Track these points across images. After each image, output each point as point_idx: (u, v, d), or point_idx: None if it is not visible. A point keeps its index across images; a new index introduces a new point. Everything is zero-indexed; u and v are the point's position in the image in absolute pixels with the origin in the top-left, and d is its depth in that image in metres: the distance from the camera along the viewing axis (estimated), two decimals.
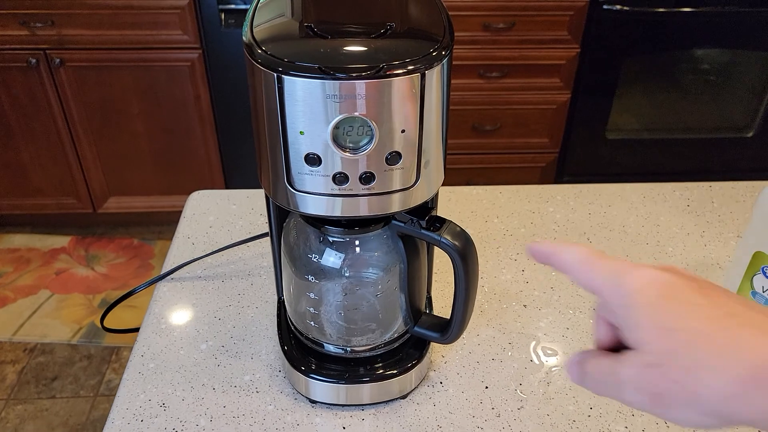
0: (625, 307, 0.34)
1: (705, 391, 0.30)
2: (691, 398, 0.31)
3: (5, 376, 1.82)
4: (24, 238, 2.32)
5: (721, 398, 0.30)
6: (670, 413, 0.32)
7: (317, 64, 0.47)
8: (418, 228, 0.56)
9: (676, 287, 0.33)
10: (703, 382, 0.30)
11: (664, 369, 0.32)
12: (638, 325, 0.33)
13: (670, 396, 0.32)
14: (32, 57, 1.90)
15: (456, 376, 0.70)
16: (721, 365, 0.30)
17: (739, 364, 0.29)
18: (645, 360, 0.32)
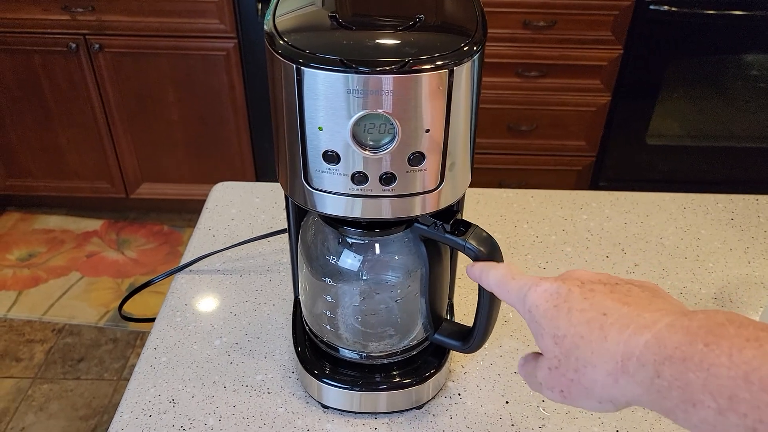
0: (529, 320, 0.41)
1: (591, 385, 0.36)
2: (585, 391, 0.37)
3: (34, 354, 1.85)
4: (58, 220, 2.36)
5: (603, 388, 0.36)
6: (577, 404, 0.38)
7: (339, 57, 0.44)
8: (442, 232, 0.53)
9: (565, 297, 0.39)
10: (588, 377, 0.36)
11: (561, 370, 0.38)
12: (539, 335, 0.40)
13: (572, 391, 0.38)
14: (72, 42, 1.92)
15: (475, 388, 0.67)
16: (596, 362, 0.36)
17: (607, 359, 0.35)
18: (548, 364, 0.39)
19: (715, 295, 0.80)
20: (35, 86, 2.02)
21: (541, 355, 0.41)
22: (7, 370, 1.80)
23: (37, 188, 2.27)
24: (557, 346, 0.38)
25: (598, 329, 0.36)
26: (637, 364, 0.33)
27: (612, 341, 0.35)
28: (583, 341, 0.36)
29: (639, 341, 0.34)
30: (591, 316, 0.37)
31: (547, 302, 0.39)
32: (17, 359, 1.84)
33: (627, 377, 0.34)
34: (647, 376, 0.33)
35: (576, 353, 0.37)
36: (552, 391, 0.39)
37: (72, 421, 1.67)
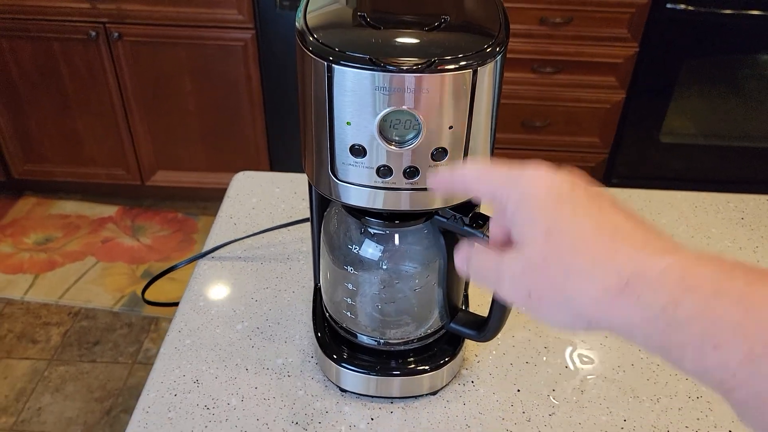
0: (520, 204, 0.34)
1: (576, 295, 0.31)
2: (564, 301, 0.32)
3: (50, 337, 1.89)
4: (74, 205, 2.39)
5: (589, 303, 0.31)
6: (541, 311, 0.33)
7: (368, 55, 0.46)
8: (461, 224, 0.55)
9: (570, 191, 0.34)
10: (576, 286, 0.31)
11: (543, 269, 0.33)
12: (529, 224, 0.34)
13: (544, 297, 0.33)
14: (92, 30, 1.94)
15: (488, 377, 0.70)
16: (595, 272, 0.31)
17: (610, 273, 0.30)
18: (527, 258, 0.33)
19: None
20: (54, 73, 2.05)
21: (508, 247, 0.35)
22: (24, 351, 1.84)
23: (54, 174, 2.30)
24: (548, 242, 0.32)
25: (607, 238, 0.31)
26: (649, 287, 0.29)
27: (622, 255, 0.30)
28: (585, 246, 0.31)
29: (657, 263, 0.29)
30: (600, 221, 0.32)
31: (548, 191, 0.34)
32: (34, 341, 1.88)
33: (628, 299, 0.30)
34: (659, 303, 0.28)
35: (571, 257, 0.32)
36: (516, 291, 0.34)
37: (87, 402, 1.71)
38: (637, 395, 0.68)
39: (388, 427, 0.64)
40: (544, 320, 0.34)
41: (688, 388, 0.69)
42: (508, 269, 0.35)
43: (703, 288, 0.28)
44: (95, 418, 1.67)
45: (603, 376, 0.70)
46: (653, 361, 0.72)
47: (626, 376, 0.70)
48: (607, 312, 0.30)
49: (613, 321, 0.30)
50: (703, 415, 0.67)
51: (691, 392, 0.69)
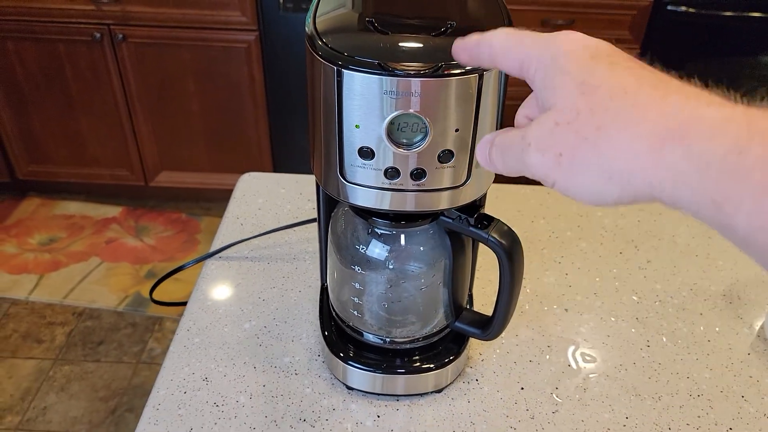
0: (551, 64, 0.31)
1: (614, 149, 0.28)
2: (597, 158, 0.29)
3: (55, 336, 1.90)
4: (78, 206, 2.41)
5: (628, 155, 0.28)
6: (572, 177, 0.30)
7: (377, 60, 0.48)
8: (467, 225, 0.57)
9: (608, 50, 0.31)
10: (614, 138, 0.28)
11: (575, 125, 0.29)
12: (560, 81, 0.30)
13: (576, 155, 0.29)
14: (97, 31, 1.96)
15: (492, 375, 0.71)
16: (638, 119, 0.27)
17: (660, 121, 0.27)
18: (557, 117, 0.30)
19: (724, 293, 0.83)
20: (59, 74, 2.07)
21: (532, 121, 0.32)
22: (29, 351, 1.86)
23: (58, 174, 2.32)
24: (582, 95, 0.29)
25: (652, 87, 0.28)
26: (705, 134, 0.26)
27: (671, 104, 0.27)
28: (626, 95, 0.28)
29: (715, 112, 0.26)
30: (643, 74, 0.29)
31: (584, 50, 0.31)
32: (39, 341, 1.89)
33: (677, 146, 0.26)
34: (719, 150, 0.25)
35: (609, 106, 0.28)
36: (543, 154, 0.31)
37: (92, 401, 1.72)
38: (638, 393, 0.69)
39: (394, 425, 0.65)
40: (576, 191, 0.30)
41: (689, 387, 0.70)
42: (534, 132, 0.31)
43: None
44: (100, 417, 1.68)
45: (605, 374, 0.71)
46: (655, 360, 0.73)
47: (628, 375, 0.71)
48: (649, 164, 0.27)
49: (656, 174, 0.27)
50: (704, 413, 0.68)
51: (692, 390, 0.70)
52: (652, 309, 0.80)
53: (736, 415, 0.68)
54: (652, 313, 0.79)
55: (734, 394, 0.70)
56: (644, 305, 0.81)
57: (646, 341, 0.76)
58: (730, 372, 0.72)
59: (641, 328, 0.77)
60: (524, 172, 0.33)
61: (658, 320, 0.79)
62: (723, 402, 0.69)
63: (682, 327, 0.78)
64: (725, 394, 0.70)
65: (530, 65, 0.33)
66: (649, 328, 0.77)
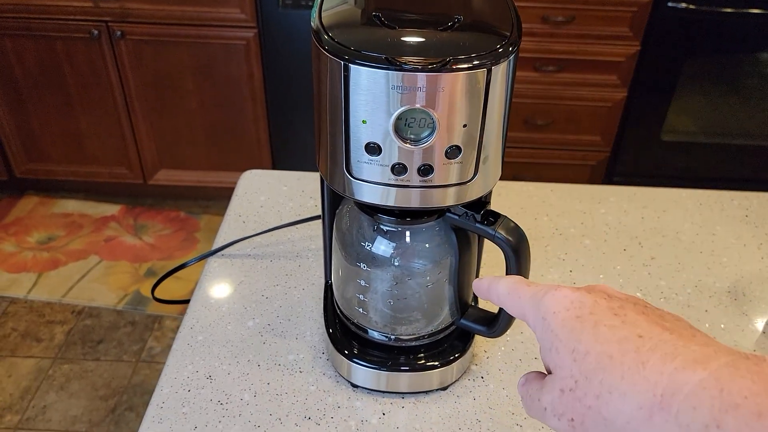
0: (543, 329, 0.34)
1: (615, 417, 0.30)
2: (604, 424, 0.31)
3: (54, 335, 1.89)
4: (77, 204, 2.40)
5: (630, 423, 0.29)
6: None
7: (384, 55, 0.47)
8: (473, 222, 0.56)
9: (590, 308, 0.33)
10: (612, 406, 0.30)
11: (577, 394, 0.32)
12: (553, 348, 0.33)
13: (586, 422, 0.31)
14: (95, 29, 1.95)
15: (498, 372, 0.70)
16: (626, 389, 0.30)
17: (642, 389, 0.29)
18: (560, 385, 0.33)
19: (728, 289, 0.82)
20: (57, 72, 2.06)
21: (547, 375, 0.35)
22: (29, 350, 1.85)
23: (57, 173, 2.31)
24: (576, 363, 0.32)
25: (632, 352, 0.30)
26: (686, 404, 0.28)
27: (652, 370, 0.29)
28: (612, 363, 0.30)
29: (690, 378, 0.28)
30: (623, 335, 0.31)
31: (567, 310, 0.33)
32: (38, 339, 1.88)
33: (666, 416, 0.28)
34: (699, 422, 0.27)
35: (600, 376, 0.31)
36: (559, 419, 0.33)
37: (92, 400, 1.71)
38: None
39: (399, 422, 0.65)
40: None
41: None
42: (547, 403, 0.34)
43: (742, 407, 0.26)
44: (100, 416, 1.67)
45: None
46: None
47: None
48: (647, 430, 0.29)
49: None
50: None
51: None
52: (657, 306, 0.80)
53: None
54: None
55: None
56: (649, 302, 0.80)
57: None
58: None
59: None
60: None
61: None
62: None
63: None
64: None
65: (528, 320, 0.37)
66: None
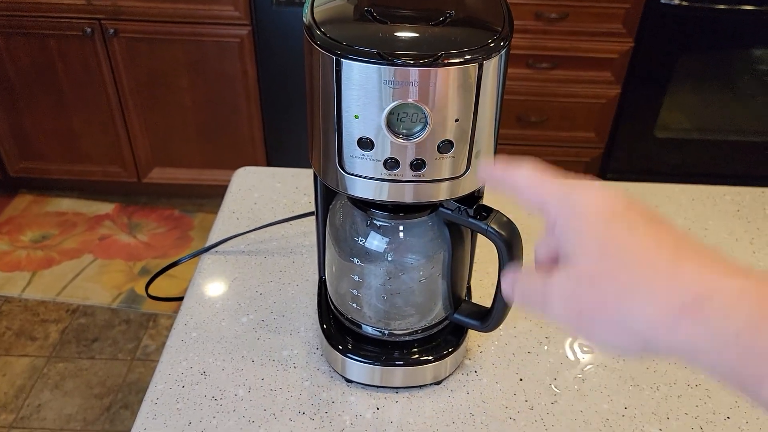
0: (571, 220, 0.33)
1: (633, 314, 0.29)
2: (617, 321, 0.30)
3: (48, 334, 1.89)
4: (71, 203, 2.39)
5: (648, 323, 0.28)
6: (593, 332, 0.31)
7: (376, 50, 0.47)
8: (466, 216, 0.56)
9: (626, 209, 0.32)
10: (632, 304, 0.29)
11: (596, 288, 0.30)
12: (580, 240, 0.32)
13: (596, 317, 0.30)
14: (88, 26, 1.94)
15: (491, 366, 0.71)
16: (659, 290, 0.28)
17: (677, 292, 0.28)
18: (580, 274, 0.31)
19: None
20: (50, 70, 2.05)
21: (554, 266, 0.34)
22: (23, 348, 1.84)
23: (50, 171, 2.30)
24: (602, 258, 0.30)
25: (669, 254, 0.29)
26: (721, 310, 0.26)
27: (688, 274, 0.28)
28: (644, 261, 0.29)
29: (730, 284, 0.27)
30: (660, 239, 0.30)
31: (602, 208, 0.32)
32: (32, 338, 1.88)
33: (695, 321, 0.27)
34: (732, 328, 0.26)
35: (628, 272, 0.29)
36: (566, 308, 0.32)
37: (87, 398, 1.71)
38: (637, 383, 0.70)
39: (393, 417, 0.65)
40: (596, 342, 0.32)
41: (687, 376, 0.71)
42: (556, 288, 0.33)
43: None
44: (95, 414, 1.67)
45: (603, 365, 0.72)
46: None
47: (626, 365, 0.72)
48: (668, 334, 0.28)
49: (674, 344, 0.28)
50: (702, 402, 0.68)
51: (690, 380, 0.70)
52: None
53: (734, 404, 0.68)
54: None
55: None
56: None
57: None
58: None
59: None
60: (545, 316, 0.34)
61: None
62: (720, 391, 0.69)
63: None
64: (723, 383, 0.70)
65: (549, 212, 0.35)
66: None
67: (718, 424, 0.66)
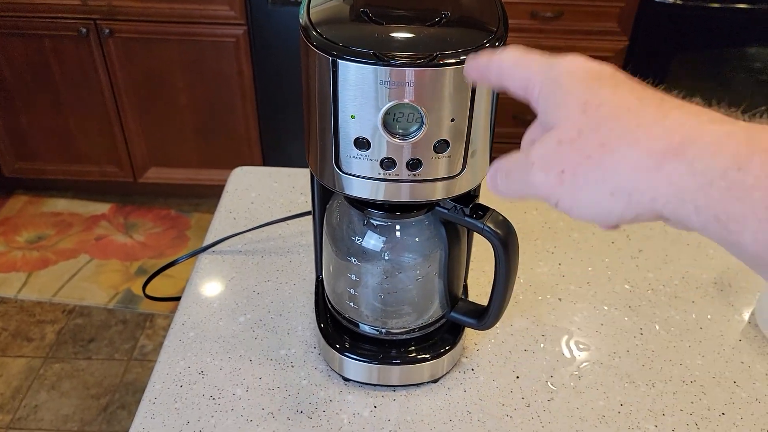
0: (554, 84, 0.32)
1: (617, 165, 0.28)
2: (601, 173, 0.29)
3: (44, 335, 1.89)
4: (67, 203, 2.39)
5: (631, 170, 0.28)
6: (575, 193, 0.30)
7: (372, 50, 0.48)
8: (462, 215, 0.57)
9: (611, 72, 0.31)
10: (617, 154, 0.28)
11: (578, 143, 0.30)
12: (563, 102, 0.31)
13: (579, 172, 0.29)
14: (83, 27, 1.94)
15: (488, 364, 0.71)
16: (643, 136, 0.28)
17: (661, 135, 0.27)
18: (560, 135, 0.30)
19: (715, 280, 0.84)
20: (45, 70, 2.05)
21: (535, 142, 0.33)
22: (19, 349, 1.84)
23: (46, 171, 2.30)
24: (585, 114, 0.30)
25: (654, 106, 0.28)
26: (706, 150, 0.26)
27: (673, 120, 0.28)
28: (629, 113, 0.29)
29: (716, 128, 0.27)
30: (645, 95, 0.29)
31: (587, 72, 0.31)
32: (28, 339, 1.88)
33: (678, 162, 0.26)
34: (718, 167, 0.25)
35: (611, 124, 0.29)
36: (547, 174, 0.31)
37: (84, 399, 1.71)
38: (633, 380, 0.70)
39: (391, 415, 0.66)
40: (579, 209, 0.30)
41: (683, 373, 0.71)
42: (538, 150, 0.31)
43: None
44: (92, 414, 1.67)
45: (599, 362, 0.72)
46: (648, 347, 0.74)
47: (622, 362, 0.72)
48: (651, 180, 0.27)
49: (659, 190, 0.27)
50: (697, 398, 0.68)
51: (685, 377, 0.71)
52: (645, 297, 0.81)
53: (728, 400, 0.68)
54: (644, 302, 0.80)
55: (726, 380, 0.71)
56: (637, 294, 0.81)
57: (639, 329, 0.76)
58: (722, 358, 0.73)
59: (634, 317, 0.78)
60: (529, 193, 0.33)
61: (651, 308, 0.79)
62: (715, 387, 0.70)
63: (675, 315, 0.79)
64: (717, 380, 0.71)
65: (534, 86, 0.34)
66: (642, 316, 0.78)
67: (713, 420, 0.66)
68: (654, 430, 0.65)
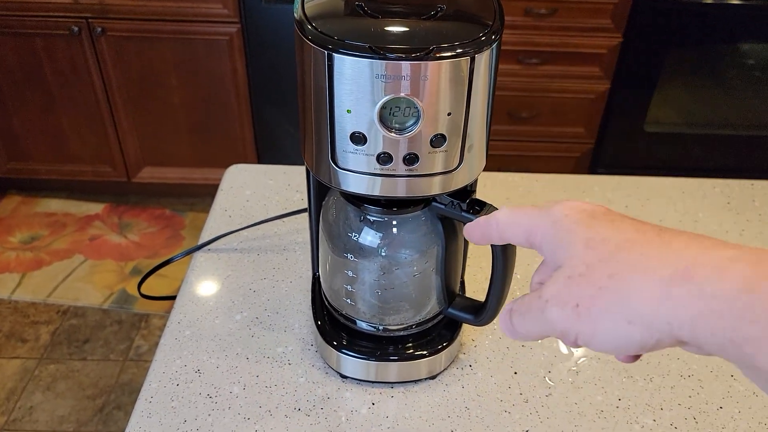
0: (553, 230, 0.34)
1: (629, 294, 0.29)
2: (616, 303, 0.29)
3: (39, 336, 1.88)
4: (60, 203, 2.37)
5: (644, 297, 0.28)
6: (593, 324, 0.30)
7: (368, 44, 0.47)
8: (459, 210, 0.57)
9: (603, 210, 0.33)
10: (628, 283, 0.29)
11: (588, 276, 0.30)
12: (565, 243, 0.33)
13: (594, 305, 0.30)
14: (75, 25, 1.93)
15: (486, 360, 0.71)
16: (651, 265, 0.29)
17: (668, 261, 0.28)
18: (569, 272, 0.31)
19: None
20: (37, 70, 2.03)
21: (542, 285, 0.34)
22: (14, 350, 1.83)
23: (39, 171, 2.28)
24: (590, 249, 0.31)
25: (654, 236, 0.30)
26: (714, 274, 0.26)
27: (676, 247, 0.28)
28: (632, 244, 0.30)
29: (720, 253, 0.27)
30: (644, 228, 0.31)
31: (581, 213, 0.33)
32: (23, 340, 1.87)
33: (687, 286, 0.27)
34: (728, 289, 0.26)
35: (617, 255, 0.30)
36: (563, 308, 0.31)
37: (79, 400, 1.70)
38: (630, 375, 0.70)
39: (389, 412, 0.65)
40: (599, 339, 0.30)
41: (680, 367, 0.71)
42: (550, 289, 0.32)
43: None
44: (87, 415, 1.66)
45: (597, 357, 0.72)
46: None
47: None
48: (663, 303, 0.27)
49: (673, 315, 0.27)
50: (694, 392, 0.68)
51: (683, 371, 0.71)
52: None
53: (726, 393, 0.68)
54: None
55: (724, 374, 0.71)
56: None
57: None
58: None
59: None
60: (546, 330, 0.33)
61: None
62: (713, 381, 0.70)
63: None
64: (715, 374, 0.71)
65: (535, 234, 0.36)
66: None
67: (711, 413, 0.66)
68: (652, 424, 0.65)
